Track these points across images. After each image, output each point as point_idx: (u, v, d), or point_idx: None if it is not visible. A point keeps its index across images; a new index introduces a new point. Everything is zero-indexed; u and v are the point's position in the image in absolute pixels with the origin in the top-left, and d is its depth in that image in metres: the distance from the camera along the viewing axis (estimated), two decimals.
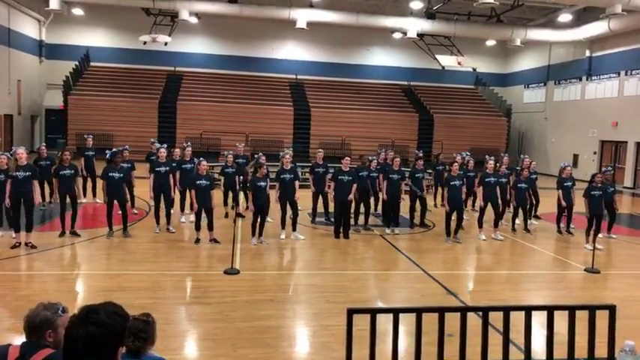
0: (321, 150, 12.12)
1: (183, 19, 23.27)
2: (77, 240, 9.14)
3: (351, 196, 10.16)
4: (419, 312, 3.34)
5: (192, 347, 5.27)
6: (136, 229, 9.77)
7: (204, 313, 6.03)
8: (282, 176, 9.85)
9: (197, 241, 9.27)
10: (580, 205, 10.86)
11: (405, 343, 4.65)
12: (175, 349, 4.98)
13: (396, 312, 3.36)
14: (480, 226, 10.70)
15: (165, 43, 24.68)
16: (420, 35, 24.82)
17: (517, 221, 11.63)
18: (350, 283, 7.55)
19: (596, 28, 22.41)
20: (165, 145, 11.22)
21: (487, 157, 11.25)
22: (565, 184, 11.12)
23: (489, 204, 10.58)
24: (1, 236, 8.87)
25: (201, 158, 9.66)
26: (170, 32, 24.73)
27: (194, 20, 24.88)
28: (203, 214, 9.28)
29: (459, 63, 25.33)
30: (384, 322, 3.55)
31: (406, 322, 3.80)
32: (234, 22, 26.63)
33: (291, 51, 29.56)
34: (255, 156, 10.86)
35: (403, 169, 11.34)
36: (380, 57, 30.52)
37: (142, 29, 24.45)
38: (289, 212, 9.93)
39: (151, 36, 23.83)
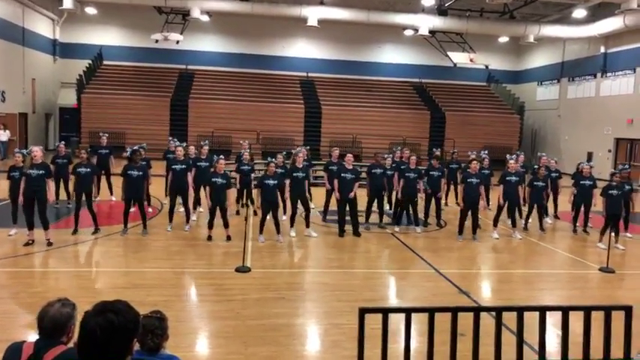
0: (336, 148, 12.08)
1: (195, 18, 23.36)
2: (90, 237, 9.21)
3: (352, 194, 10.10)
4: (432, 312, 3.32)
5: (203, 345, 5.29)
6: (149, 227, 9.82)
7: (215, 310, 6.06)
8: (294, 174, 9.88)
9: (209, 238, 9.31)
10: (598, 204, 10.74)
11: (417, 342, 4.63)
12: (187, 347, 5.00)
13: (408, 312, 3.34)
14: (495, 224, 10.62)
15: (177, 42, 24.77)
16: (432, 32, 24.65)
17: (530, 220, 11.52)
18: (361, 281, 7.53)
19: (611, 23, 22.10)
20: (184, 144, 11.22)
21: (508, 156, 11.15)
22: (581, 182, 10.98)
23: (507, 202, 10.48)
24: (15, 233, 8.97)
25: (221, 156, 9.59)
26: (182, 30, 24.83)
27: (205, 18, 24.94)
28: (217, 213, 9.28)
29: (471, 60, 25.15)
30: (396, 321, 3.53)
31: (418, 321, 3.77)
32: (246, 20, 26.66)
33: (302, 48, 29.52)
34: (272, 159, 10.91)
35: (420, 167, 11.27)
36: (391, 54, 30.36)
37: (154, 28, 24.59)
38: (300, 210, 9.91)
39: (162, 34, 23.96)
